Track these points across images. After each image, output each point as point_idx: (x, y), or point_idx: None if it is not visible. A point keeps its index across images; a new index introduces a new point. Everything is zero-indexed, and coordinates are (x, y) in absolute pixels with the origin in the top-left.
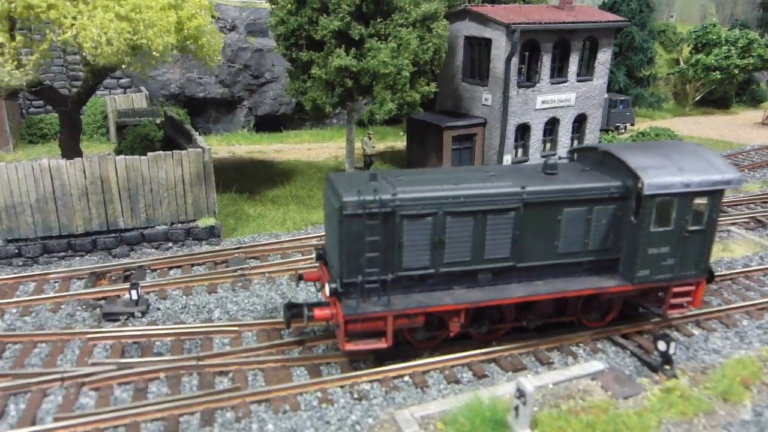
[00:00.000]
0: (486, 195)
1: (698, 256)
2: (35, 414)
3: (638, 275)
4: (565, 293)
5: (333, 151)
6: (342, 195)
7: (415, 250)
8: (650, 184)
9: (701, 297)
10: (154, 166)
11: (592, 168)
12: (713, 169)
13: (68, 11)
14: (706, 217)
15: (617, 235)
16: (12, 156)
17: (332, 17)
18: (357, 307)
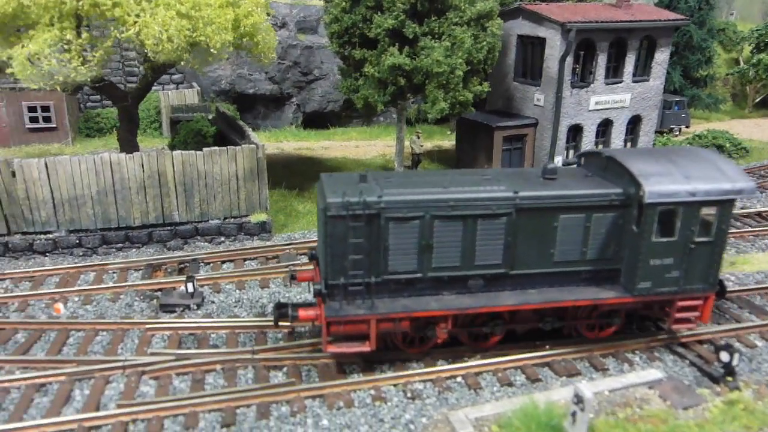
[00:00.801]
0: (476, 199)
1: (706, 269)
2: (99, 400)
3: (639, 287)
4: (559, 303)
5: (380, 149)
6: (327, 196)
7: (401, 253)
8: (652, 191)
9: (710, 312)
10: (209, 162)
11: (596, 174)
12: (724, 178)
13: (132, 9)
14: (715, 228)
15: (618, 244)
16: (71, 149)
17: (386, 15)
18: (340, 309)
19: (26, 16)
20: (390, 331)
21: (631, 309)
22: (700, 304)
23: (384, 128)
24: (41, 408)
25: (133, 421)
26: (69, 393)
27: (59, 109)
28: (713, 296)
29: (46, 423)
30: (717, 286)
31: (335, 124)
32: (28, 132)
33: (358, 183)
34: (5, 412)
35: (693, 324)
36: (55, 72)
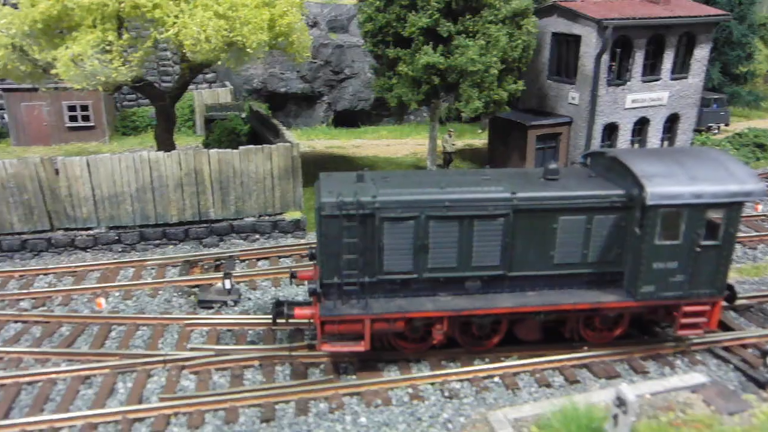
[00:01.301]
0: (472, 200)
1: (713, 273)
2: (141, 393)
3: (642, 291)
4: (558, 306)
5: (411, 147)
6: (321, 195)
7: (396, 253)
8: (654, 193)
9: (718, 318)
10: (245, 160)
11: (600, 174)
12: (732, 180)
13: (171, 10)
14: (722, 231)
15: (621, 247)
16: (108, 147)
17: (421, 14)
18: (334, 309)
19: (69, 18)
20: (385, 331)
21: (636, 313)
22: (707, 309)
23: (414, 127)
24: (87, 399)
25: (175, 415)
26: (113, 385)
27: (97, 109)
28: (721, 302)
29: (91, 414)
30: (725, 291)
31: (366, 123)
32: (68, 131)
33: (354, 183)
34: (53, 403)
35: (700, 330)
36: (98, 72)
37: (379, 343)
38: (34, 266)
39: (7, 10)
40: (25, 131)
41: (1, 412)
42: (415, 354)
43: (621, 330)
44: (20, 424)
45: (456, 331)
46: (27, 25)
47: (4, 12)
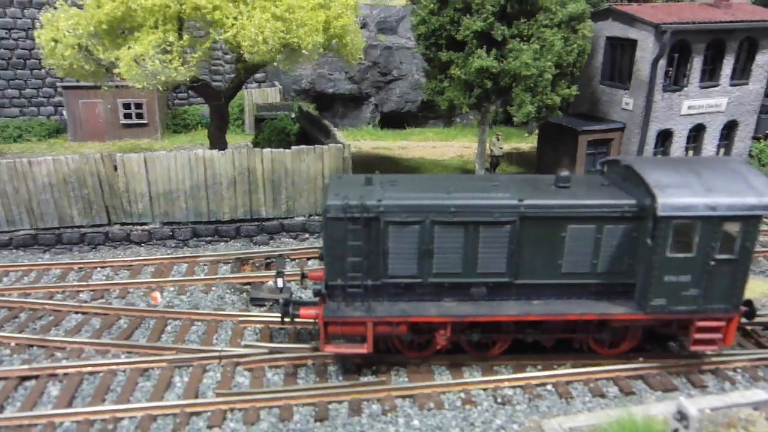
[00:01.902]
0: (478, 206)
1: (729, 288)
2: (198, 387)
3: (652, 304)
4: (565, 316)
5: (457, 150)
6: (327, 198)
7: (401, 257)
8: (666, 204)
9: (734, 334)
10: (296, 160)
11: (615, 183)
12: (750, 192)
13: (230, 12)
14: (739, 245)
15: (633, 257)
16: (159, 144)
17: (475, 17)
18: (338, 310)
19: (132, 19)
20: (388, 334)
21: (648, 326)
22: (722, 325)
23: (460, 129)
24: (145, 391)
25: (231, 410)
26: (170, 379)
27: (150, 107)
28: (737, 318)
29: (151, 406)
30: (741, 307)
31: (412, 125)
32: (122, 127)
33: (363, 186)
34: (114, 393)
35: (716, 347)
36: (158, 72)
37: (384, 346)
38: (93, 259)
39: (73, 11)
40: (82, 127)
41: (65, 401)
42: (419, 359)
43: (632, 343)
44: (83, 413)
45: (461, 337)
46: (92, 26)
47: (71, 13)
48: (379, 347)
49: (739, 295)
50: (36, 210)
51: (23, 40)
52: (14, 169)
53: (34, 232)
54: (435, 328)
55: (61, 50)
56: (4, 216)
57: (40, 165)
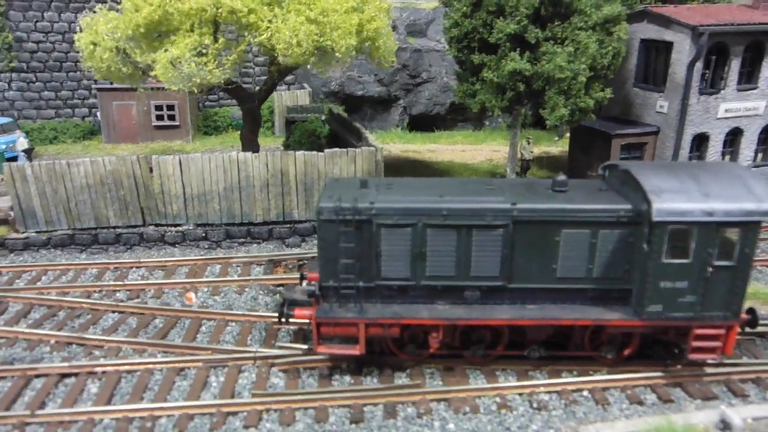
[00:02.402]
0: (470, 210)
1: (727, 295)
2: (233, 388)
3: (648, 310)
4: (558, 321)
5: (487, 153)
6: (321, 200)
7: (394, 260)
8: (661, 209)
9: (733, 343)
10: (329, 162)
11: (613, 188)
12: (749, 197)
13: (265, 15)
14: (737, 251)
15: (630, 263)
16: (191, 146)
17: (508, 20)
18: (330, 311)
19: (169, 22)
20: (380, 336)
21: (646, 333)
22: (721, 333)
23: (489, 133)
24: (182, 391)
25: (266, 411)
26: (206, 378)
27: (182, 108)
28: (737, 326)
29: (188, 405)
30: (741, 315)
31: (440, 128)
32: (154, 129)
33: (358, 188)
34: (151, 392)
35: (715, 355)
36: (194, 74)
37: (379, 348)
38: (128, 259)
39: (112, 15)
40: (116, 129)
41: (104, 399)
42: (414, 361)
43: (630, 350)
44: (123, 410)
45: (456, 340)
46: (131, 30)
47: (110, 17)
48: (374, 349)
49: (738, 302)
50: (74, 210)
51: (60, 43)
52: (53, 170)
53: (72, 232)
54: (427, 330)
55: (99, 53)
56: (43, 216)
57: (78, 166)
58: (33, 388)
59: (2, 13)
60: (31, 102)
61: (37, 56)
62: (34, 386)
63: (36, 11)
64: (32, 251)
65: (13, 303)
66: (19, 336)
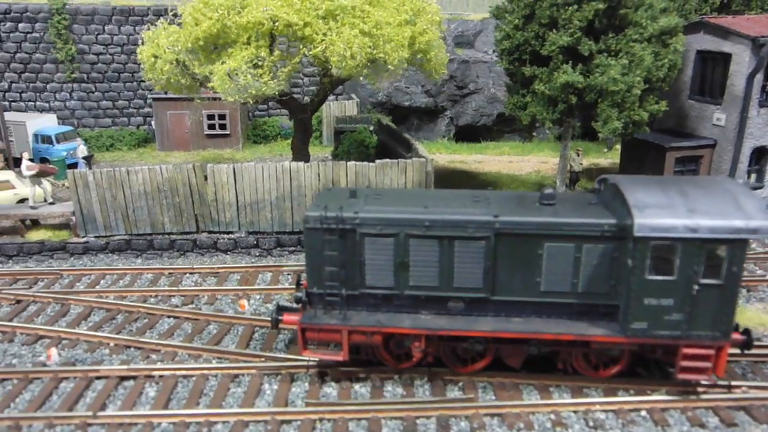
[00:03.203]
0: (451, 221)
1: (716, 315)
2: (287, 396)
3: (632, 327)
4: (540, 335)
5: (534, 165)
6: (309, 209)
7: (377, 269)
8: (642, 224)
9: (724, 364)
10: (380, 173)
11: (604, 201)
12: (738, 214)
13: (320, 28)
14: (725, 270)
15: (616, 278)
16: (241, 154)
17: (561, 33)
18: (314, 317)
19: (226, 35)
20: (363, 343)
21: (635, 351)
22: (711, 354)
23: (537, 144)
24: (237, 397)
25: (320, 420)
26: (259, 386)
27: (233, 118)
28: (728, 347)
29: (243, 412)
30: (735, 335)
31: (486, 138)
32: (206, 138)
33: (347, 198)
34: (206, 397)
35: (705, 376)
36: (249, 86)
37: (365, 355)
38: (182, 265)
39: (173, 29)
40: (169, 137)
41: (162, 403)
42: (397, 370)
43: (619, 368)
44: (180, 415)
45: (441, 351)
46: (190, 43)
47: (170, 31)
48: (360, 356)
49: (727, 322)
50: (131, 216)
51: (118, 55)
52: (113, 177)
53: (128, 237)
54: (410, 339)
55: (160, 65)
56: (102, 221)
57: (136, 174)
58: (94, 389)
59: (67, 27)
60: (90, 111)
61: (97, 67)
62: (95, 387)
63: (98, 24)
64: (91, 255)
65: (75, 305)
66: (80, 338)
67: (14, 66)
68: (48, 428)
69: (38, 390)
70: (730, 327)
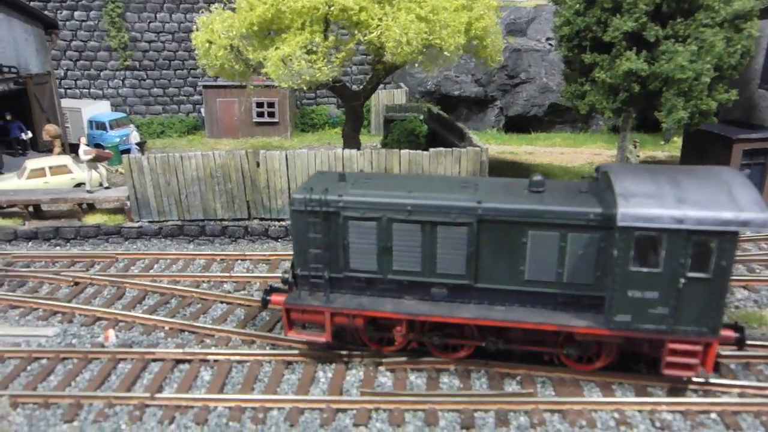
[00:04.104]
0: (434, 206)
1: (703, 310)
2: (341, 384)
3: (615, 320)
4: (520, 324)
5: (587, 157)
6: (296, 191)
7: (361, 253)
8: (626, 213)
9: (713, 361)
10: (434, 162)
11: (596, 190)
12: (729, 206)
13: (376, 13)
14: (713, 263)
15: (602, 269)
16: (289, 142)
17: (626, 18)
18: (299, 298)
19: (280, 21)
20: (345, 325)
21: (622, 345)
22: (698, 350)
23: (589, 135)
24: (291, 384)
25: (376, 410)
26: (313, 374)
27: (282, 106)
28: (716, 344)
29: (298, 399)
30: (719, 332)
31: (537, 129)
32: (254, 125)
33: (336, 182)
34: (261, 383)
35: (693, 372)
36: (303, 72)
37: (351, 338)
38: (233, 252)
39: (227, 14)
40: (218, 124)
41: (217, 387)
42: (380, 354)
43: (605, 361)
44: (235, 399)
45: (425, 337)
46: (245, 28)
47: (225, 16)
48: (346, 338)
49: (715, 318)
50: (184, 202)
51: (170, 42)
52: (167, 162)
53: (181, 222)
54: (392, 324)
55: (214, 51)
56: (156, 206)
57: (189, 159)
58: (150, 371)
59: (120, 15)
60: (141, 98)
61: (149, 55)
62: (151, 370)
63: (150, 12)
64: (145, 240)
65: (130, 289)
66: (136, 320)
67: (70, 54)
68: (107, 407)
69: (97, 370)
70: (719, 323)
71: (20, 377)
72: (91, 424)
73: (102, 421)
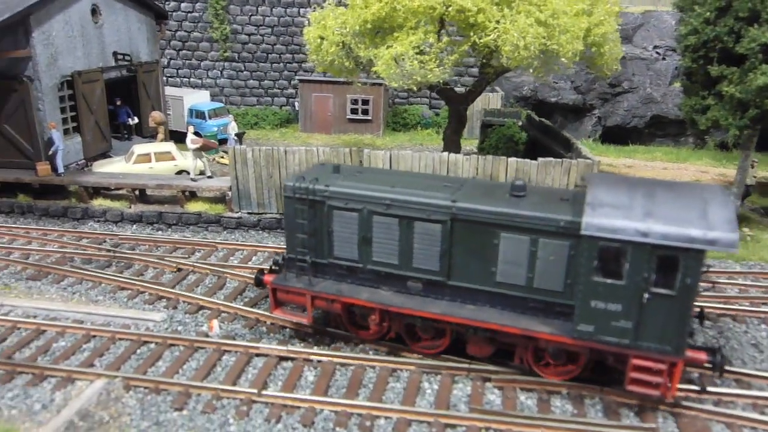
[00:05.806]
0: (411, 202)
1: (666, 327)
2: (448, 398)
3: (579, 329)
4: (486, 324)
5: (693, 173)
6: (288, 179)
7: (343, 241)
8: (590, 223)
9: (677, 382)
10: (542, 172)
11: (577, 198)
12: (699, 224)
13: (494, 15)
14: (678, 281)
15: (572, 277)
16: (381, 141)
17: (764, 28)
18: (285, 279)
19: (392, 19)
20: (325, 309)
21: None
22: (663, 369)
23: (692, 152)
24: (396, 393)
25: (486, 429)
26: (419, 384)
27: (376, 104)
28: (681, 364)
29: (406, 410)
30: (684, 352)
31: (635, 141)
32: (347, 122)
33: (330, 173)
34: (366, 389)
35: (657, 391)
36: (414, 72)
37: (334, 324)
38: None
39: (340, 11)
40: (312, 119)
41: (322, 389)
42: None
43: (574, 370)
44: (341, 404)
45: (402, 330)
46: (358, 25)
47: (338, 12)
48: (329, 323)
49: (679, 336)
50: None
51: (268, 35)
52: (271, 156)
53: (279, 216)
54: (367, 312)
55: (326, 47)
56: (256, 198)
57: (293, 154)
58: (254, 366)
59: (224, 7)
60: (237, 89)
61: (248, 47)
62: (255, 364)
63: (252, 6)
64: (243, 231)
65: (230, 279)
66: (238, 312)
67: (174, 43)
68: (215, 399)
69: (203, 359)
70: (683, 342)
71: (131, 360)
72: (200, 414)
73: (210, 413)
